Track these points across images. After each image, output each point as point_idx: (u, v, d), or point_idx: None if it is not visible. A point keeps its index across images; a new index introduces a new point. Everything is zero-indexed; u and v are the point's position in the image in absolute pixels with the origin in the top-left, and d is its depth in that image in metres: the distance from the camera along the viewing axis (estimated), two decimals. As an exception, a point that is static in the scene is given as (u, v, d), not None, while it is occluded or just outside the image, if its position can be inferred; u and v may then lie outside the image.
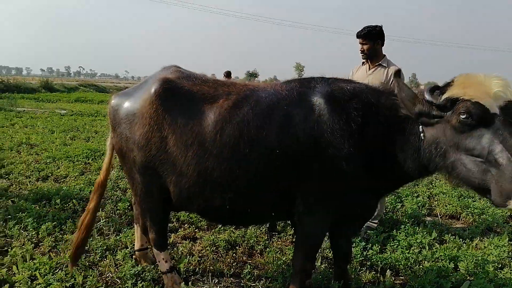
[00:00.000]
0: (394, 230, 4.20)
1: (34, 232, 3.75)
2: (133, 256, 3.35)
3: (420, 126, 2.13)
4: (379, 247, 3.75)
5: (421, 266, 3.44)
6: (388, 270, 3.34)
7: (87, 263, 3.23)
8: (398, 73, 2.26)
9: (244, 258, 3.52)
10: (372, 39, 4.21)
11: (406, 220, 4.52)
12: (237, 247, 3.69)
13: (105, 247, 3.49)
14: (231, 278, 3.18)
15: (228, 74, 11.88)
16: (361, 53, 4.35)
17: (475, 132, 1.87)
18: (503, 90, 1.84)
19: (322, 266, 3.39)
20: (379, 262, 3.44)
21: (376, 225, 4.36)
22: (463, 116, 1.89)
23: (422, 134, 2.12)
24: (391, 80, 4.16)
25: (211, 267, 3.27)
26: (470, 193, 5.77)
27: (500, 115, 1.83)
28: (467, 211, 4.92)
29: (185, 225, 4.15)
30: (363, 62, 4.49)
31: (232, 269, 3.28)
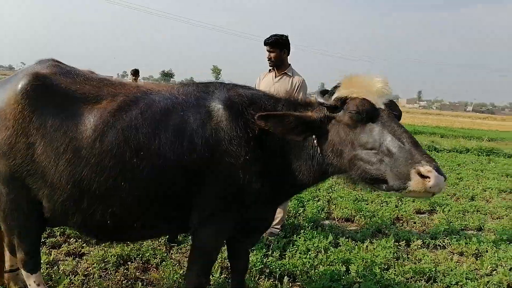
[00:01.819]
0: (295, 235, 4.31)
1: None
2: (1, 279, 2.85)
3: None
4: (279, 253, 3.79)
5: (316, 271, 3.54)
6: (286, 276, 3.37)
7: None
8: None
9: (137, 274, 3.23)
10: (279, 47, 4.30)
11: (306, 224, 4.67)
12: (130, 262, 3.39)
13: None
14: (120, 298, 2.90)
15: (135, 73, 10.96)
16: (268, 60, 4.41)
17: (366, 127, 1.97)
18: (385, 87, 2.00)
19: (221, 276, 3.28)
20: (278, 269, 3.46)
21: (278, 230, 4.42)
22: (354, 113, 1.97)
23: (315, 141, 2.16)
24: (295, 88, 4.29)
25: (96, 287, 2.93)
26: (364, 197, 6.25)
27: (385, 109, 1.97)
28: (360, 214, 5.28)
29: (71, 239, 3.70)
30: (269, 70, 4.56)
31: (121, 287, 2.98)
